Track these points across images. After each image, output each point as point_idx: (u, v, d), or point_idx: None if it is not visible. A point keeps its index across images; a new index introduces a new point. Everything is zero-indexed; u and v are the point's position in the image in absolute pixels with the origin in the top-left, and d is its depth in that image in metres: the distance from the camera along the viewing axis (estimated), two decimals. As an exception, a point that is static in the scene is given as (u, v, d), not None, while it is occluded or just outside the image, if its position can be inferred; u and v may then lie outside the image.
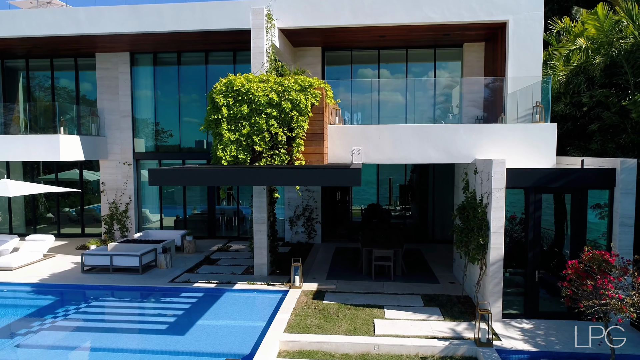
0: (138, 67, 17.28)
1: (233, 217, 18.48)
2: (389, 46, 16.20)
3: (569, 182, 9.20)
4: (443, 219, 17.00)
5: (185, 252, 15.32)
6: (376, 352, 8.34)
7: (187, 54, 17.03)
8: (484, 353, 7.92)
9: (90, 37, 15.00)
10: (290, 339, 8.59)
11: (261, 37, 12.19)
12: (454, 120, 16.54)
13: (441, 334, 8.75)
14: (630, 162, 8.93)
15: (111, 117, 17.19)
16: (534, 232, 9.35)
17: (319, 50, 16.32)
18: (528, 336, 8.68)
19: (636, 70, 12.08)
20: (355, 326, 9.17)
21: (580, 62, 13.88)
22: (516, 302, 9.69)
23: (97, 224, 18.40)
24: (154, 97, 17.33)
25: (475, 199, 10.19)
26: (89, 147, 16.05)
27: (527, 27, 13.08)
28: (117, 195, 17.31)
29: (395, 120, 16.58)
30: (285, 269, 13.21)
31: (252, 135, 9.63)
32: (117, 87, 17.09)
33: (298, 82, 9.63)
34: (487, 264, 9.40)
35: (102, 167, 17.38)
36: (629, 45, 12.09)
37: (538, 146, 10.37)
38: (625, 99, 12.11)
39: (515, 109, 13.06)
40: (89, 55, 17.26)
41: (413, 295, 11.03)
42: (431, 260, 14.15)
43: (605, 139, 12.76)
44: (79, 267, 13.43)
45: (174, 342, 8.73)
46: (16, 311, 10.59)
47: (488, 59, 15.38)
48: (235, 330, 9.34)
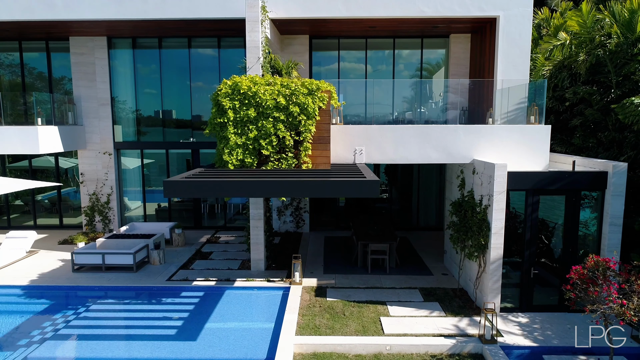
0: (116, 52, 16.48)
1: (215, 205, 18.30)
2: (376, 35, 16.15)
3: (564, 185, 9.69)
4: (427, 206, 17.50)
5: (174, 245, 15.15)
6: (388, 352, 8.69)
7: (170, 39, 16.37)
8: (490, 351, 8.41)
9: (66, 22, 14.16)
10: (304, 341, 8.82)
11: (256, 31, 11.89)
12: (437, 109, 16.84)
13: (447, 331, 9.20)
14: (621, 165, 9.47)
15: (89, 105, 16.43)
16: (531, 232, 9.85)
17: (307, 38, 16.08)
18: (526, 331, 9.26)
19: (619, 69, 12.64)
20: (364, 325, 9.48)
21: (563, 58, 14.35)
22: (511, 296, 10.24)
23: (74, 213, 17.78)
24: (134, 83, 16.65)
25: (474, 199, 10.57)
26: (67, 137, 15.35)
27: (517, 24, 13.34)
28: (98, 186, 16.75)
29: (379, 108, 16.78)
30: (280, 262, 13.35)
31: (259, 139, 9.53)
32: (94, 74, 16.29)
33: (305, 85, 9.53)
34: (487, 262, 9.85)
35: (80, 157, 16.71)
36: (613, 46, 12.58)
37: (533, 146, 10.79)
38: (608, 97, 12.70)
39: (503, 103, 13.46)
40: (62, 39, 16.29)
41: (411, 289, 11.45)
42: (420, 250, 14.63)
43: (587, 134, 13.40)
44: (67, 265, 13.07)
45: (187, 349, 8.77)
46: (11, 318, 10.23)
47: (474, 50, 15.63)
48: (245, 333, 9.45)
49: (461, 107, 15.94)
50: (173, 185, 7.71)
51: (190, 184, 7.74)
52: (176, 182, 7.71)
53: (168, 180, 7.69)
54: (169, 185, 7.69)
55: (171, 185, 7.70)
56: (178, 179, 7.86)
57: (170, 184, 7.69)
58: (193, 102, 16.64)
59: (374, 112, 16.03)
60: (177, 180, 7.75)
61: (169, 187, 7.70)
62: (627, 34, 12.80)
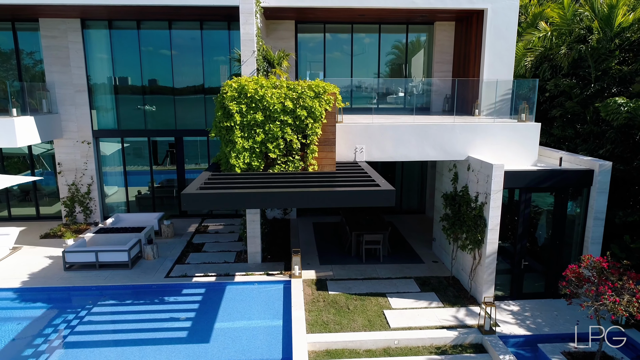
0: (91, 35, 15.62)
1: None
2: (363, 22, 16.09)
3: (555, 183, 10.31)
4: (410, 192, 18.06)
5: (164, 236, 15.02)
6: (396, 346, 9.22)
7: (149, 22, 15.66)
8: (491, 341, 9.08)
9: (35, 6, 13.27)
10: (316, 339, 9.18)
11: (251, 23, 11.62)
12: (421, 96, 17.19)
13: (447, 323, 9.81)
14: (606, 165, 10.16)
15: (64, 91, 15.63)
16: (523, 226, 10.48)
17: (292, 24, 15.80)
18: (519, 319, 10.01)
19: (598, 64, 13.27)
20: (369, 319, 9.94)
21: (544, 49, 14.86)
22: (501, 284, 10.93)
23: (49, 201, 17.12)
24: (112, 68, 15.92)
25: (469, 194, 11.07)
26: (43, 127, 14.62)
27: (504, 16, 13.65)
28: (77, 176, 16.17)
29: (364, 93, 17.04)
30: (274, 253, 13.56)
31: (267, 142, 9.52)
32: (67, 59, 15.43)
33: (312, 88, 9.52)
34: (482, 255, 10.45)
35: (56, 146, 16.00)
36: (595, 42, 13.15)
37: (524, 143, 11.31)
38: (588, 91, 13.36)
39: (489, 95, 13.91)
40: (32, 20, 15.25)
41: (406, 278, 11.99)
42: (408, 236, 15.19)
43: (565, 125, 14.11)
44: (57, 263, 12.76)
45: (203, 352, 8.94)
46: (10, 325, 10.01)
47: (458, 38, 15.87)
48: (256, 332, 9.69)
49: (445, 94, 16.34)
50: (192, 198, 7.67)
51: (211, 196, 7.73)
52: (195, 194, 7.67)
53: (187, 194, 7.64)
54: (188, 199, 7.65)
55: (190, 198, 7.66)
56: (196, 191, 7.82)
57: (189, 197, 7.65)
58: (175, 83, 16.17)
59: (360, 95, 16.39)
60: (196, 193, 7.72)
61: (188, 200, 7.65)
62: (606, 28, 13.39)
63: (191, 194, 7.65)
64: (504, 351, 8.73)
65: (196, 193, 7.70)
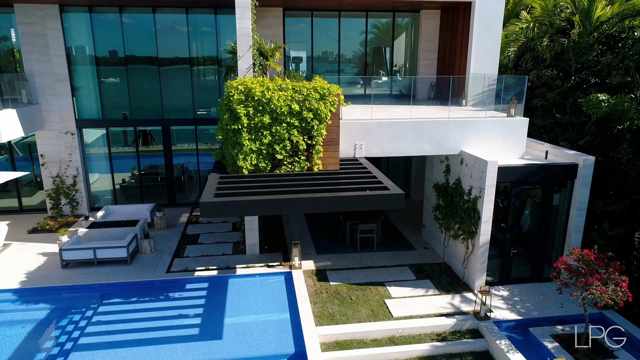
0: (70, 20, 15.00)
1: (182, 177, 18.03)
2: (350, 9, 16.11)
3: (543, 177, 10.97)
4: (395, 179, 18.57)
5: (157, 228, 15.03)
6: (400, 335, 9.83)
7: (131, 7, 15.16)
8: (487, 327, 9.81)
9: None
10: (326, 332, 9.68)
11: (247, 18, 11.51)
12: (406, 82, 17.53)
13: (445, 310, 10.49)
14: (589, 159, 10.87)
15: (44, 81, 15.07)
16: (513, 218, 11.17)
17: (280, 11, 15.67)
18: (510, 304, 10.80)
19: (579, 57, 13.91)
20: (372, 309, 10.50)
21: (527, 39, 15.37)
22: (491, 270, 11.63)
23: (29, 191, 16.69)
24: (94, 55, 15.40)
25: (462, 187, 11.62)
26: (26, 119, 14.15)
27: (491, 8, 14.00)
28: (62, 167, 15.81)
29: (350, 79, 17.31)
30: (270, 244, 13.86)
31: (273, 144, 9.67)
32: (46, 47, 14.83)
33: (317, 90, 9.68)
34: (475, 245, 11.11)
35: (38, 137, 15.52)
36: (576, 36, 13.73)
37: (512, 137, 11.89)
38: (569, 82, 14.01)
39: (476, 85, 14.39)
40: (5, 5, 14.49)
41: (401, 266, 12.59)
42: (398, 223, 15.77)
43: (546, 114, 14.81)
44: (52, 260, 12.65)
45: (218, 349, 9.27)
46: (16, 329, 9.98)
47: (444, 26, 16.15)
48: (266, 326, 10.06)
49: (430, 82, 16.72)
50: (210, 207, 7.84)
51: (228, 204, 7.91)
52: (213, 203, 7.83)
53: (205, 202, 7.80)
54: (206, 207, 7.81)
55: (208, 207, 7.82)
56: (213, 199, 7.97)
57: (207, 205, 7.80)
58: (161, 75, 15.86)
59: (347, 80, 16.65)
60: (213, 201, 7.87)
61: (206, 208, 7.82)
62: (586, 21, 13.98)
63: (209, 203, 7.81)
64: (500, 336, 9.47)
65: (214, 202, 7.86)
